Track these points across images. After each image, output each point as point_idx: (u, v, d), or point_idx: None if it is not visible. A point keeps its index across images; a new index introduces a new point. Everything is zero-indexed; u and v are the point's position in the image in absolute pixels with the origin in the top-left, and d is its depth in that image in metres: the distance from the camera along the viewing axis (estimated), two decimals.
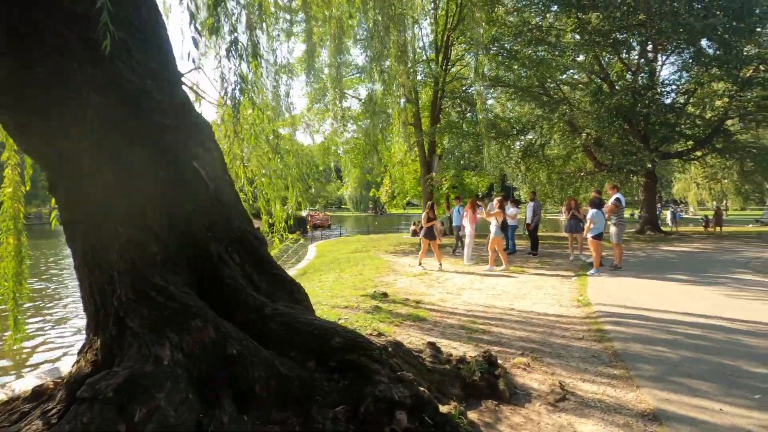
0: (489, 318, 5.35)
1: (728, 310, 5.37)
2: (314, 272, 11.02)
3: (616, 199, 8.73)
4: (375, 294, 6.60)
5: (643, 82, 17.76)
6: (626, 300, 6.03)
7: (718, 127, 18.76)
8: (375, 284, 7.89)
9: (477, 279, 8.45)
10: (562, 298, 6.48)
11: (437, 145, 17.11)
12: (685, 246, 14.71)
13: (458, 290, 7.32)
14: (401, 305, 6.09)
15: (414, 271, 9.50)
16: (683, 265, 9.92)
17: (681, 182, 33.49)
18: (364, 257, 12.54)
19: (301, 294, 3.47)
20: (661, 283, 7.43)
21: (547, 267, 9.86)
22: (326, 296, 6.84)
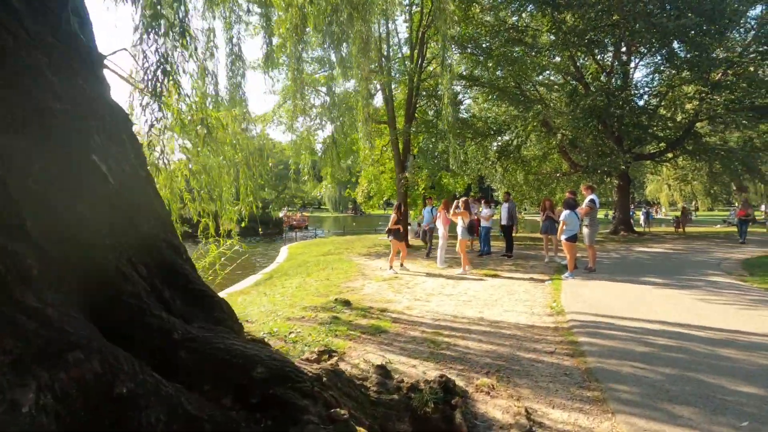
0: (456, 329, 4.93)
1: (705, 317, 5.11)
2: (280, 276, 10.44)
3: (591, 200, 8.49)
4: (336, 302, 6.11)
5: (617, 83, 17.85)
6: (601, 306, 5.72)
7: (688, 129, 19.02)
8: (340, 290, 7.40)
9: (449, 283, 8.06)
10: (535, 305, 6.13)
11: (413, 144, 16.71)
12: (658, 247, 14.74)
13: (427, 296, 6.90)
14: (364, 314, 5.62)
15: (384, 275, 9.06)
16: (657, 266, 9.78)
17: (653, 183, 34.20)
18: (334, 260, 12.03)
19: (224, 312, 2.96)
20: (636, 287, 7.19)
21: (522, 270, 9.57)
22: (285, 305, 6.31)
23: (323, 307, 5.90)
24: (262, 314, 5.70)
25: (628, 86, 18.20)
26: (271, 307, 6.23)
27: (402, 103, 16.98)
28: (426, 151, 13.44)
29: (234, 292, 8.87)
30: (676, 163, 23.12)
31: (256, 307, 6.31)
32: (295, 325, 4.95)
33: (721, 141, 21.77)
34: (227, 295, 8.73)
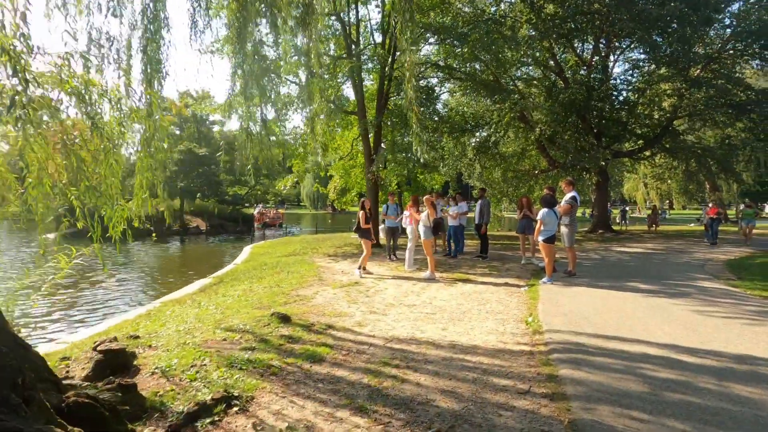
0: (410, 355, 3.98)
1: (707, 336, 4.31)
2: (230, 281, 9.32)
3: (572, 197, 7.68)
4: (274, 317, 5.07)
5: (597, 77, 17.28)
6: (584, 321, 4.87)
7: (666, 127, 18.67)
8: (287, 300, 6.37)
9: (413, 290, 7.12)
10: (508, 319, 5.24)
11: (386, 138, 15.72)
12: (637, 246, 14.21)
13: (385, 308, 5.93)
14: (302, 335, 4.61)
15: (344, 280, 8.06)
16: (640, 269, 9.10)
17: (630, 182, 34.21)
18: (296, 261, 10.95)
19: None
20: (621, 294, 6.39)
21: (496, 273, 8.71)
22: (211, 321, 5.24)
23: (255, 325, 4.86)
24: (176, 335, 4.62)
25: (607, 80, 17.68)
26: (193, 323, 5.16)
27: (374, 94, 15.98)
28: (395, 143, 12.45)
29: (168, 301, 7.72)
30: (654, 161, 22.86)
31: (176, 324, 5.22)
32: (206, 353, 3.90)
33: (697, 139, 21.61)
34: (161, 304, 7.59)
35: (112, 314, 8.41)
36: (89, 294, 11.05)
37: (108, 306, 9.81)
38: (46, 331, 7.78)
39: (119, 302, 10.17)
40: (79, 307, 9.72)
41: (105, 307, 9.67)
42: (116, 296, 10.86)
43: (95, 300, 10.42)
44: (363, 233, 8.98)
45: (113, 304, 9.95)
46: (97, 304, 10.07)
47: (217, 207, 29.91)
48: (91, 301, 10.25)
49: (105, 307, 9.74)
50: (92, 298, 10.63)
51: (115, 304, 9.92)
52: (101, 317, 8.45)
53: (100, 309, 9.53)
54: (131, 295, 11.09)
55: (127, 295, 11.04)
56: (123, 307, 9.50)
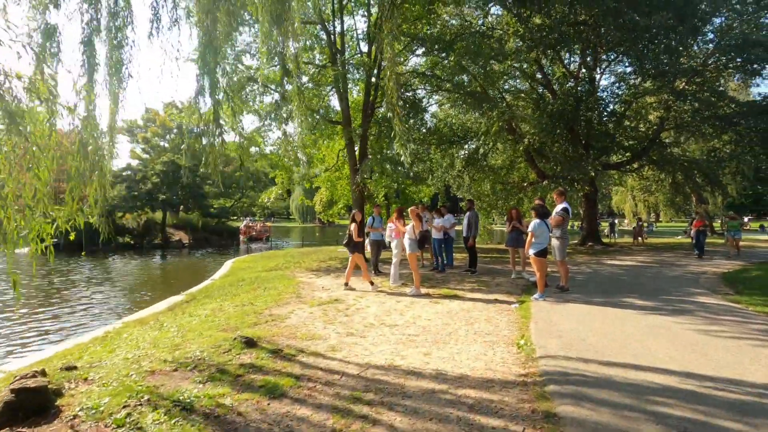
0: (385, 387, 3.47)
1: (718, 362, 3.88)
2: (202, 298, 8.71)
3: (563, 209, 7.30)
4: (236, 342, 4.51)
5: (585, 88, 17.23)
6: (581, 344, 4.41)
7: (653, 139, 18.65)
8: (257, 320, 5.81)
9: (397, 308, 6.61)
10: (498, 341, 4.76)
11: (374, 149, 15.30)
12: (628, 259, 13.91)
13: (364, 329, 5.41)
14: (268, 361, 4.07)
15: (324, 298, 7.51)
16: (635, 283, 8.72)
17: (618, 195, 34.31)
18: (275, 277, 10.36)
19: None
20: (618, 312, 5.97)
21: (485, 289, 8.25)
22: (169, 346, 4.66)
23: (215, 351, 4.30)
24: (121, 365, 4.04)
25: (595, 92, 17.65)
26: (146, 350, 4.58)
27: (360, 105, 15.63)
28: (381, 153, 12.04)
29: (131, 322, 7.10)
30: (641, 173, 22.85)
31: (127, 350, 4.64)
32: (148, 389, 3.34)
33: (683, 152, 21.67)
34: (122, 325, 6.97)
35: (67, 337, 7.72)
36: (51, 313, 10.29)
37: (67, 326, 9.08)
38: None
39: (82, 321, 9.45)
40: (37, 326, 8.99)
41: (62, 329, 8.94)
42: (79, 315, 10.11)
43: (57, 319, 9.68)
44: (355, 247, 8.51)
45: (74, 324, 9.22)
46: (58, 323, 9.34)
47: (201, 220, 29.12)
48: (49, 321, 9.51)
49: (62, 328, 9.01)
50: (53, 317, 9.89)
51: (76, 324, 9.19)
52: (58, 339, 7.75)
53: (59, 329, 8.80)
54: (96, 313, 10.35)
55: (92, 313, 10.30)
56: (85, 327, 8.78)
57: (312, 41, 14.86)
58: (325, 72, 14.61)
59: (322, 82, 15.14)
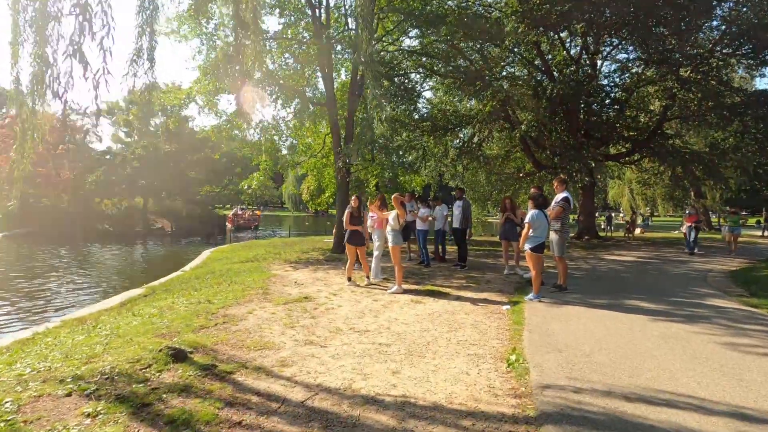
0: (333, 423, 2.66)
1: (759, 390, 3.10)
2: (161, 293, 7.85)
3: (564, 198, 6.48)
4: (164, 353, 3.66)
5: (586, 72, 16.33)
6: (586, 362, 3.62)
7: (655, 130, 17.86)
8: (207, 322, 4.97)
9: (372, 308, 5.80)
10: (484, 355, 3.95)
11: (357, 136, 14.39)
12: (626, 254, 13.21)
13: (329, 335, 4.59)
14: (194, 380, 3.24)
15: (293, 294, 6.68)
16: (638, 282, 7.97)
17: (615, 188, 33.57)
18: (249, 269, 9.51)
19: None
20: (625, 318, 5.18)
21: (474, 286, 7.45)
22: (83, 357, 3.81)
23: (132, 366, 3.46)
24: (5, 385, 3.19)
25: (596, 78, 16.76)
26: (54, 362, 3.73)
27: (347, 86, 14.65)
28: (362, 135, 11.11)
29: (69, 320, 6.24)
30: (641, 165, 22.09)
31: (29, 362, 3.79)
32: (11, 427, 2.50)
33: (684, 144, 20.94)
34: (60, 323, 6.12)
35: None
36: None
37: (2, 321, 8.16)
38: None
39: (26, 316, 8.53)
40: None
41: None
42: (27, 309, 9.19)
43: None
44: (349, 237, 7.70)
45: (12, 318, 8.30)
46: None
47: (186, 207, 28.06)
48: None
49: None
50: None
51: (15, 318, 8.27)
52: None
53: None
54: (49, 306, 9.44)
55: (45, 306, 9.39)
56: (24, 322, 7.87)
57: (296, 16, 13.80)
58: (308, 50, 13.62)
59: (308, 62, 14.13)
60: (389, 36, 15.02)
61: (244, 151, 19.25)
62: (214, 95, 13.22)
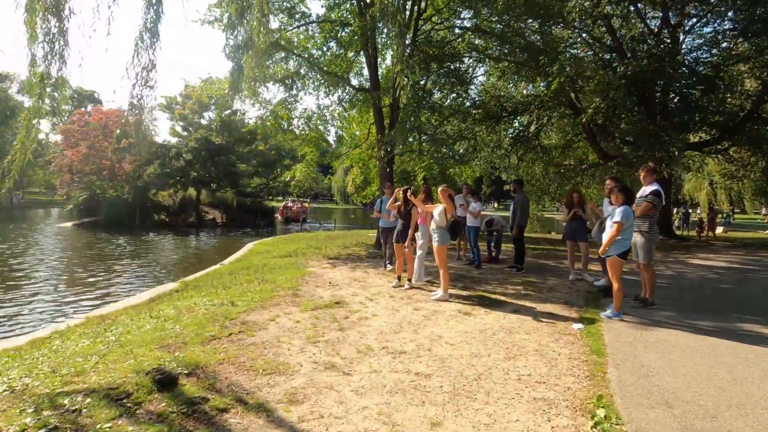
0: None
1: None
2: (192, 289, 7.46)
3: (654, 193, 5.16)
4: (150, 377, 3.00)
5: (666, 48, 14.21)
6: (711, 429, 2.51)
7: (750, 113, 15.30)
8: (219, 331, 4.33)
9: (411, 321, 4.91)
10: (556, 401, 2.94)
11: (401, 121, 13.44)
12: (714, 258, 11.28)
13: (356, 356, 3.77)
14: (175, 420, 2.54)
15: (325, 298, 5.95)
16: (746, 297, 6.43)
17: (692, 181, 29.97)
18: (284, 265, 8.96)
19: None
20: (748, 352, 3.90)
21: (534, 296, 6.32)
22: (75, 370, 3.27)
23: (109, 396, 2.82)
24: None
25: (678, 54, 14.54)
26: (39, 377, 3.20)
27: (393, 71, 13.71)
28: (406, 121, 10.11)
29: (93, 317, 5.92)
30: (728, 155, 19.22)
31: (20, 372, 3.31)
32: None
33: None
34: (85, 319, 5.82)
35: (20, 329, 6.67)
36: (49, 289, 9.54)
37: (42, 310, 8.14)
38: None
39: (61, 308, 8.51)
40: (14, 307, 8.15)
41: (28, 316, 8.01)
42: (70, 297, 9.24)
43: (35, 300, 8.84)
44: (400, 234, 6.97)
45: (53, 309, 8.29)
46: (39, 303, 8.47)
47: (236, 199, 28.67)
48: (29, 301, 8.68)
49: (31, 313, 8.10)
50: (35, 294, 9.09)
51: (53, 310, 8.24)
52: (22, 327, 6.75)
53: (19, 317, 7.88)
54: (89, 296, 9.46)
55: (87, 296, 9.41)
56: (60, 314, 7.80)
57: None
58: (352, 34, 12.84)
59: (351, 45, 13.37)
60: (440, 15, 13.89)
61: (294, 143, 18.99)
62: (254, 83, 12.82)
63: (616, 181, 5.87)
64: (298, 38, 13.92)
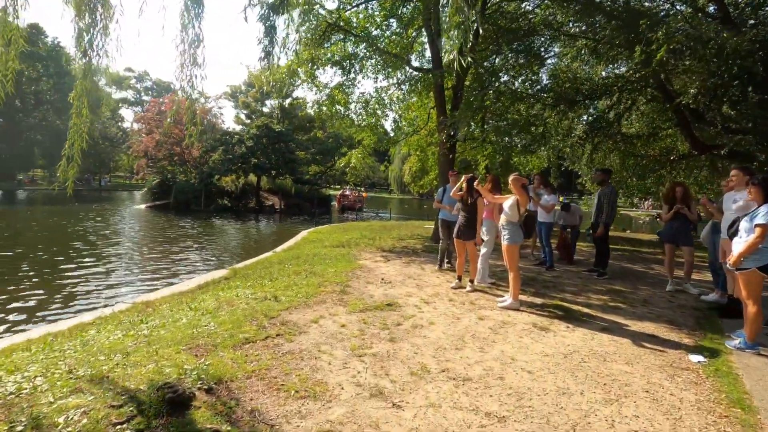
0: None
1: None
2: (239, 278, 7.17)
3: None
4: (160, 393, 2.51)
5: None
6: None
7: None
8: (255, 333, 3.82)
9: (478, 333, 4.11)
10: None
11: (466, 101, 12.34)
12: None
13: (409, 380, 3.06)
14: None
15: (375, 298, 5.31)
16: None
17: None
18: (335, 256, 8.47)
19: None
20: None
21: (626, 310, 5.22)
22: (96, 369, 2.89)
23: (112, 413, 2.35)
24: None
25: None
26: (53, 378, 2.84)
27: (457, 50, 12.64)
28: (472, 101, 9.08)
29: (139, 303, 5.74)
30: None
31: (39, 369, 2.99)
32: None
33: None
34: (131, 304, 5.67)
35: (73, 311, 6.70)
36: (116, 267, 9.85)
37: (103, 289, 8.29)
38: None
39: (120, 289, 8.64)
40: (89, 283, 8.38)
41: (91, 294, 8.16)
42: (134, 276, 9.42)
43: (105, 278, 9.07)
44: (465, 229, 6.07)
45: (122, 285, 8.44)
46: (107, 280, 8.68)
47: (294, 186, 29.09)
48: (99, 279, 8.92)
49: (92, 292, 8.25)
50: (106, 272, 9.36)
51: (117, 288, 8.38)
52: (52, 316, 6.78)
53: (79, 296, 8.03)
54: (157, 274, 9.62)
55: (143, 277, 9.58)
56: (128, 290, 7.88)
57: None
58: (413, 10, 11.96)
59: (412, 23, 12.51)
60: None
61: (350, 130, 18.61)
62: (311, 66, 12.42)
63: (747, 171, 4.59)
64: (357, 18, 13.29)
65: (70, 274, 9.44)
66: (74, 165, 4.18)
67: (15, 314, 6.77)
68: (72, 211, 23.72)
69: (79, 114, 4.27)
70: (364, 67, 13.63)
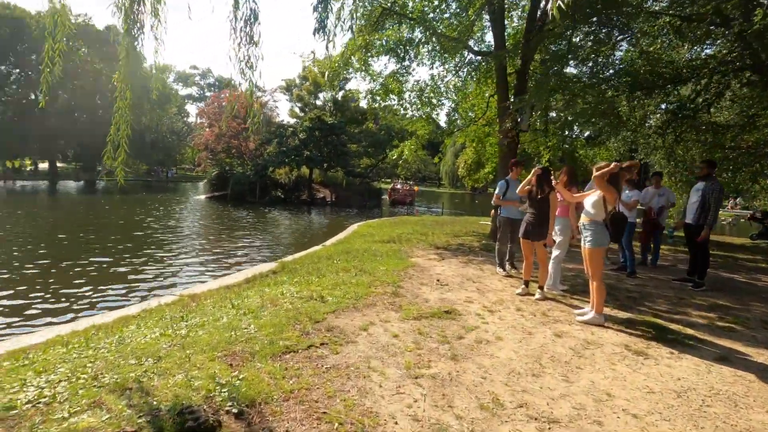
0: None
1: None
2: (287, 272, 6.86)
3: None
4: (184, 419, 2.11)
5: None
6: None
7: None
8: (298, 340, 3.39)
9: (555, 354, 3.41)
10: None
11: (532, 85, 11.25)
12: None
13: (479, 416, 2.45)
14: None
15: (431, 302, 4.73)
16: None
17: None
18: (386, 252, 8.00)
19: None
20: None
21: (743, 333, 4.23)
22: (121, 376, 2.58)
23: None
24: None
25: None
26: (76, 386, 2.56)
27: (521, 33, 11.58)
28: (544, 83, 8.09)
29: (184, 296, 5.57)
30: None
31: (65, 372, 2.74)
32: None
33: None
34: (177, 297, 5.51)
35: (125, 299, 6.70)
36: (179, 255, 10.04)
37: (153, 281, 8.36)
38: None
39: (170, 280, 8.69)
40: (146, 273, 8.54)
41: (142, 288, 8.22)
42: (185, 268, 9.51)
43: (165, 268, 9.21)
44: (534, 229, 5.32)
45: (176, 276, 8.50)
46: (161, 272, 8.80)
47: (346, 179, 29.09)
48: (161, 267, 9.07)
49: (145, 286, 8.32)
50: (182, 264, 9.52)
51: (169, 281, 8.42)
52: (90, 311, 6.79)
53: (134, 287, 8.10)
54: (210, 265, 9.67)
55: (197, 268, 9.64)
56: (176, 283, 7.90)
57: None
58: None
59: (472, 3, 11.63)
60: None
61: (403, 123, 18.03)
62: (365, 52, 11.94)
63: None
64: (413, 1, 12.61)
65: (130, 260, 9.73)
66: (122, 152, 3.97)
67: (77, 302, 6.93)
68: (141, 199, 25.24)
69: (123, 96, 4.04)
70: (419, 53, 12.97)
